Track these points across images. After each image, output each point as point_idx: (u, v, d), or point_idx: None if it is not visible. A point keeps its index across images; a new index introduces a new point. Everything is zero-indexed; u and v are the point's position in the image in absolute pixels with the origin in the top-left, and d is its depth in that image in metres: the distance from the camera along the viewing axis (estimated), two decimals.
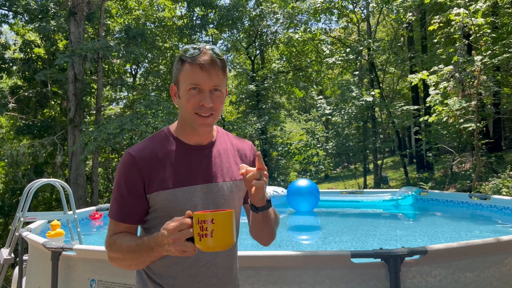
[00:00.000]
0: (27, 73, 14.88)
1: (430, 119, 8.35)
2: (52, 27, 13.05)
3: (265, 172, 1.25)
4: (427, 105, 9.16)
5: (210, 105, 1.25)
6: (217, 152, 1.39)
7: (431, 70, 8.29)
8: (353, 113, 12.97)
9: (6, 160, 13.12)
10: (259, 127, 16.36)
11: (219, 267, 1.36)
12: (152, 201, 1.29)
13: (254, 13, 17.57)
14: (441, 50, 10.40)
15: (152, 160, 1.30)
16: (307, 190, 6.34)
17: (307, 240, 5.36)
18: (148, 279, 1.34)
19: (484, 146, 10.19)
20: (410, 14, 11.86)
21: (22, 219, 4.23)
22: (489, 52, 7.77)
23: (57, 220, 4.32)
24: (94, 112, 14.64)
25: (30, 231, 4.05)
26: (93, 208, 6.68)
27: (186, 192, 1.30)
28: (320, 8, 14.01)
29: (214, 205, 1.32)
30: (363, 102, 12.05)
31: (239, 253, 1.52)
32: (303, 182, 6.44)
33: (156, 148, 1.33)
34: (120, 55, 13.07)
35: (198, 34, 17.01)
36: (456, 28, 8.58)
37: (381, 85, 14.17)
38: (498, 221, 5.23)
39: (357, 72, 14.74)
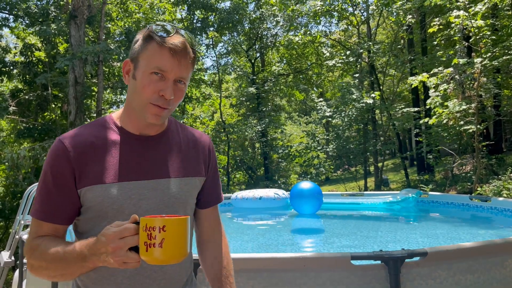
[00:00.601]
0: (27, 76, 14.91)
1: (431, 121, 8.35)
2: (52, 31, 13.08)
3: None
4: (428, 107, 9.17)
5: (171, 97, 1.06)
6: (168, 144, 1.19)
7: (431, 72, 8.30)
8: (354, 116, 12.98)
9: (6, 163, 13.11)
10: (260, 129, 16.37)
11: (167, 278, 1.15)
12: (84, 198, 1.08)
13: (254, 16, 17.61)
14: (441, 52, 10.41)
15: (86, 148, 1.09)
16: (310, 192, 6.32)
17: (307, 242, 5.36)
18: None
19: (484, 148, 10.19)
20: (410, 16, 11.87)
21: (22, 222, 4.23)
22: (489, 54, 7.77)
23: None
24: (95, 115, 14.66)
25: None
26: None
27: (125, 188, 1.09)
28: (320, 10, 14.05)
29: (162, 204, 1.12)
30: (364, 105, 12.05)
31: (239, 255, 1.49)
32: (306, 185, 6.42)
33: (93, 135, 1.12)
34: (121, 58, 13.09)
35: (199, 37, 17.04)
36: (456, 30, 8.59)
37: (381, 87, 14.18)
38: (498, 223, 5.23)
39: (357, 75, 14.75)
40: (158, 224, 0.86)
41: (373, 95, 12.10)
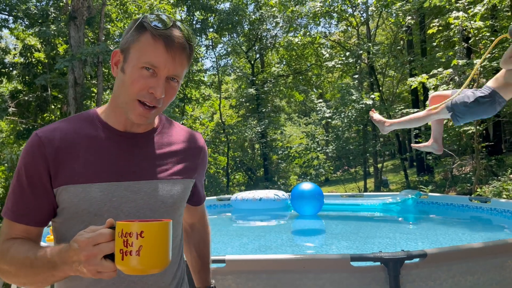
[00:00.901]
0: (27, 77, 14.91)
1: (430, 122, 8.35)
2: (52, 32, 13.09)
3: None
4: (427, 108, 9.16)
5: (161, 96, 0.96)
6: (156, 143, 1.10)
7: (431, 73, 8.30)
8: (353, 117, 12.98)
9: (6, 165, 13.10)
10: (259, 130, 16.37)
11: (150, 286, 1.05)
12: (59, 198, 0.99)
13: (253, 17, 17.62)
14: (440, 53, 10.42)
15: (64, 144, 0.99)
16: (311, 193, 6.32)
17: (307, 244, 5.35)
18: None
19: (484, 149, 10.19)
20: (410, 17, 11.88)
21: None
22: (488, 55, 7.78)
23: None
24: None
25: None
26: None
27: (105, 189, 0.99)
28: (319, 11, 14.06)
29: (147, 209, 1.02)
30: (363, 106, 12.05)
31: (239, 256, 1.49)
32: (307, 186, 6.42)
33: (73, 130, 1.02)
34: None
35: (198, 38, 17.05)
36: (455, 31, 8.60)
37: (381, 88, 14.18)
38: (498, 224, 5.23)
39: (356, 76, 14.76)
40: (135, 230, 0.77)
41: (372, 96, 12.10)
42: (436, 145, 3.58)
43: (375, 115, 3.72)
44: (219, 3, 17.27)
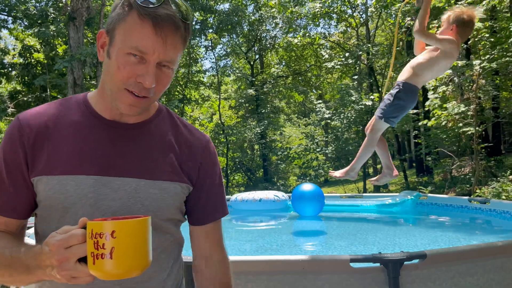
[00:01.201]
0: (26, 78, 14.90)
1: (429, 123, 8.36)
2: (51, 32, 13.08)
3: None
4: (426, 109, 9.17)
5: (151, 85, 0.83)
6: (149, 136, 0.95)
7: None
8: (353, 117, 12.99)
9: None
10: (259, 131, 16.37)
11: None
12: (36, 190, 0.89)
13: (253, 17, 17.63)
14: None
15: (45, 130, 0.89)
16: (312, 194, 6.32)
17: (306, 244, 5.35)
18: None
19: (483, 150, 10.19)
20: (409, 18, 11.88)
21: None
22: (488, 56, 7.79)
23: None
24: None
25: (28, 237, 4.03)
26: None
27: (82, 182, 0.87)
28: (319, 12, 14.06)
29: (125, 210, 0.89)
30: (363, 106, 12.07)
31: (238, 257, 1.41)
32: (308, 187, 6.43)
33: (56, 115, 0.92)
34: None
35: (198, 38, 17.05)
36: None
37: (380, 89, 14.19)
38: (497, 225, 5.22)
39: (356, 76, 14.77)
40: (107, 230, 0.68)
41: (372, 97, 12.11)
42: (390, 170, 3.76)
43: (336, 173, 3.83)
44: (219, 3, 17.28)
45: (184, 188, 0.98)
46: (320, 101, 15.84)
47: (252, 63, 18.95)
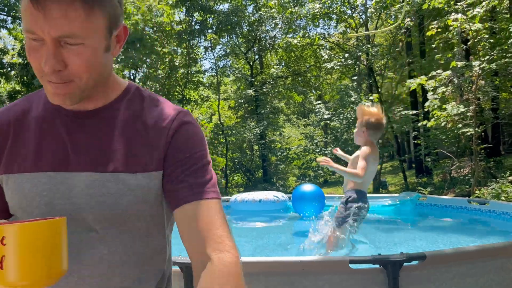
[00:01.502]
0: (25, 78, 14.88)
1: (429, 124, 8.36)
2: None
3: None
4: (426, 110, 9.18)
5: (54, 69, 0.72)
6: (106, 123, 0.85)
7: (430, 75, 8.31)
8: (352, 118, 12.99)
9: None
10: (258, 132, 16.37)
11: None
12: (4, 190, 0.85)
13: (253, 18, 17.64)
14: (439, 55, 10.43)
15: (7, 128, 0.85)
16: (312, 195, 6.32)
17: (306, 245, 5.35)
18: None
19: (482, 151, 10.19)
20: (409, 19, 11.90)
21: None
22: (487, 57, 7.80)
23: None
24: None
25: None
26: None
27: (37, 180, 0.81)
28: (318, 13, 14.07)
29: (83, 210, 0.80)
30: None
31: None
32: (308, 187, 6.42)
33: (23, 110, 0.87)
34: (119, 60, 13.09)
35: (197, 39, 17.05)
36: (454, 33, 8.61)
37: (379, 90, 14.20)
38: (497, 226, 5.23)
39: (355, 77, 14.78)
40: None
41: (371, 97, 12.11)
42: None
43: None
44: (218, 4, 17.28)
45: (150, 178, 0.84)
46: (319, 101, 15.84)
47: (251, 63, 18.95)
